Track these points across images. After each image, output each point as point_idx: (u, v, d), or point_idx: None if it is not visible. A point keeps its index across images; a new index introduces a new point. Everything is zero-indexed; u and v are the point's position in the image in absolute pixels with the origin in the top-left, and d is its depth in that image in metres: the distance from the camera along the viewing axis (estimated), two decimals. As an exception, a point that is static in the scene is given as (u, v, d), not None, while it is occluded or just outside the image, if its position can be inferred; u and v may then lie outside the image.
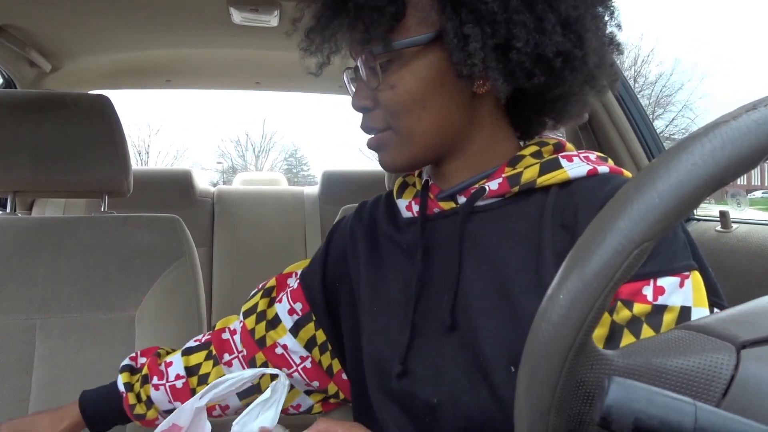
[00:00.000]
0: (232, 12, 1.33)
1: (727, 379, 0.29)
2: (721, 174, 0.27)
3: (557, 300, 0.29)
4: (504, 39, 0.57)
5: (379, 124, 0.65)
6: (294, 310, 0.79)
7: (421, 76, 0.61)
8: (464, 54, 0.57)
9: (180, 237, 1.10)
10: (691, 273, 0.53)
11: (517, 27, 0.56)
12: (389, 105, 0.62)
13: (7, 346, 0.99)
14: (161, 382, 0.81)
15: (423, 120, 0.62)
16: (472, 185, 0.65)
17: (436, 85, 0.61)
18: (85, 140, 1.07)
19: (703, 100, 16.15)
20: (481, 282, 0.62)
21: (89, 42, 1.56)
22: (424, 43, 0.60)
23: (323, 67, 0.69)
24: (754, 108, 0.28)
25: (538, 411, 0.31)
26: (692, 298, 0.52)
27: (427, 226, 0.68)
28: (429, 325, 0.64)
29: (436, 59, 0.60)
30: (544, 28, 0.57)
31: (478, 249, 0.63)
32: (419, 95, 0.61)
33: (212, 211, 2.11)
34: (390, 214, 0.75)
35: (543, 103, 0.65)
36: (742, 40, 28.94)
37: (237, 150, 22.31)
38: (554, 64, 0.58)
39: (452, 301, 0.62)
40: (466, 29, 0.57)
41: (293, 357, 0.79)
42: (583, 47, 0.60)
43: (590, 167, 0.60)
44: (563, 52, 0.58)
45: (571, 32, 0.59)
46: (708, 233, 1.18)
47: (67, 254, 1.06)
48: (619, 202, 0.29)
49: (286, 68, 1.89)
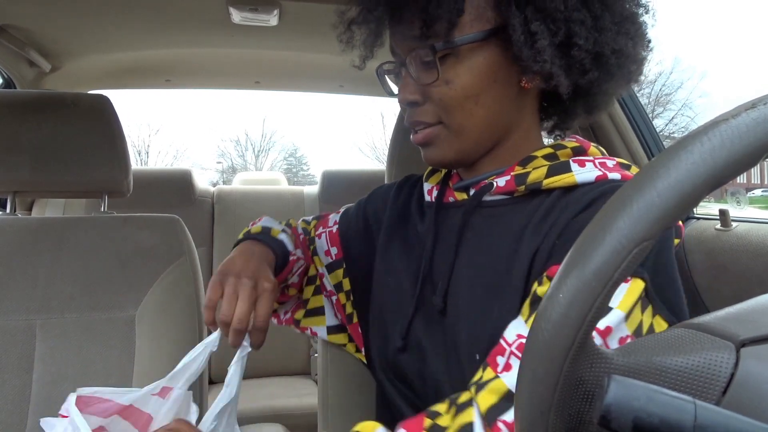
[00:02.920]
0: (232, 11, 1.33)
1: (726, 377, 0.29)
2: (720, 172, 0.27)
3: (557, 299, 0.29)
4: (565, 36, 0.59)
5: (429, 119, 0.65)
6: (329, 252, 0.85)
7: (476, 71, 0.62)
8: (533, 51, 0.59)
9: (180, 237, 1.10)
10: (632, 280, 0.51)
11: (577, 25, 0.58)
12: (443, 100, 0.63)
13: (8, 346, 0.99)
14: None
15: (474, 115, 0.63)
16: (486, 179, 0.67)
17: (490, 81, 0.62)
18: (84, 140, 1.07)
19: (702, 98, 16.16)
20: (473, 273, 0.64)
21: (89, 42, 1.56)
22: (482, 40, 0.61)
23: (367, 60, 0.70)
24: (753, 107, 0.28)
25: (538, 410, 0.31)
26: (619, 300, 0.50)
27: (440, 213, 0.72)
28: (428, 306, 0.69)
29: (490, 55, 0.62)
30: (602, 26, 0.59)
31: (477, 242, 0.66)
32: (473, 90, 0.62)
33: (212, 210, 2.11)
34: (419, 195, 0.79)
35: (584, 96, 0.66)
36: (742, 39, 28.93)
37: (237, 150, 22.32)
38: (609, 60, 0.61)
39: (446, 287, 0.66)
40: (533, 27, 0.58)
41: (326, 286, 0.86)
42: (634, 44, 0.62)
43: (600, 173, 0.60)
44: (617, 49, 0.60)
45: (623, 29, 0.61)
46: (708, 232, 1.18)
47: (67, 254, 1.06)
48: (618, 201, 0.29)
49: (285, 68, 1.89)
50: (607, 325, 0.49)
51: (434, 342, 0.66)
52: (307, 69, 1.89)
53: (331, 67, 1.84)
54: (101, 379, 0.99)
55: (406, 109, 0.67)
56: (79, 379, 0.98)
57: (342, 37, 0.69)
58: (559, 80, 0.60)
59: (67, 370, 0.99)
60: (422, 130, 0.66)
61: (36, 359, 0.99)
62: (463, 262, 0.66)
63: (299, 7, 1.33)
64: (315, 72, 1.92)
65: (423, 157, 0.69)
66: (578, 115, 0.70)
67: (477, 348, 0.60)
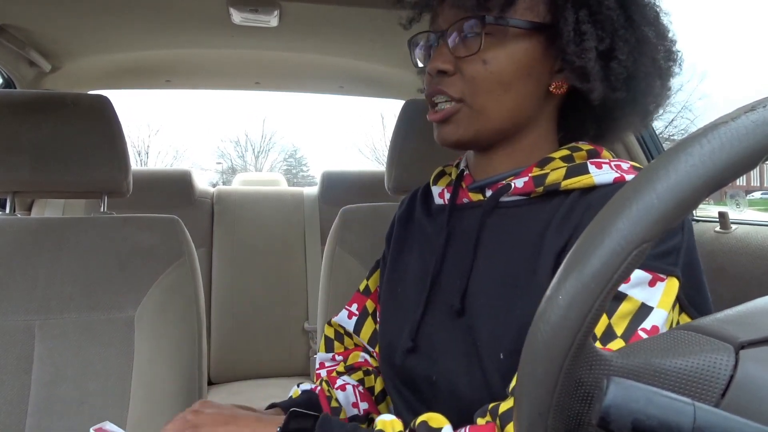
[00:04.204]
0: (232, 12, 1.33)
1: (725, 379, 0.29)
2: (719, 175, 0.27)
3: (556, 301, 0.29)
4: (608, 48, 0.60)
5: (453, 92, 0.64)
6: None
7: (515, 59, 0.62)
8: (580, 49, 0.60)
9: (179, 237, 1.10)
10: (668, 278, 0.53)
11: (621, 41, 0.60)
12: (475, 78, 0.63)
13: (7, 347, 0.98)
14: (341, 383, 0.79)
15: (500, 102, 0.63)
16: (502, 180, 0.67)
17: (524, 73, 0.63)
18: (84, 140, 1.07)
19: (702, 100, 16.17)
20: (492, 274, 0.64)
21: (89, 42, 1.56)
22: (532, 29, 0.62)
23: (413, 22, 0.72)
24: (753, 109, 0.28)
25: (537, 411, 0.31)
26: (658, 299, 0.52)
27: (454, 215, 0.71)
28: (440, 307, 0.68)
29: (532, 48, 0.62)
30: (643, 50, 0.61)
31: (495, 242, 0.66)
32: (507, 77, 0.62)
33: (212, 211, 2.11)
34: (425, 200, 0.79)
35: (601, 117, 0.68)
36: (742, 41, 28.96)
37: (236, 150, 22.30)
38: (639, 85, 0.62)
39: (464, 288, 0.65)
40: (584, 27, 0.59)
41: None
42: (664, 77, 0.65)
43: (617, 175, 0.60)
44: (648, 75, 0.62)
45: (658, 63, 0.63)
46: (707, 234, 1.18)
47: (66, 255, 1.05)
48: (617, 203, 0.29)
49: (286, 68, 1.89)
50: (653, 325, 0.50)
51: (448, 343, 0.65)
52: (307, 70, 1.89)
53: (331, 67, 1.84)
54: (100, 379, 0.99)
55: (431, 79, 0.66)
56: (78, 379, 0.98)
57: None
58: (595, 84, 0.61)
59: (66, 370, 0.99)
60: (443, 104, 0.65)
61: (35, 360, 0.99)
62: (480, 262, 0.66)
63: (299, 8, 1.33)
64: (315, 73, 1.93)
65: (436, 136, 0.68)
66: (587, 135, 0.72)
67: (500, 347, 0.59)
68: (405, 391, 0.70)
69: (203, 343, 1.07)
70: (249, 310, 2.01)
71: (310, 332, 2.05)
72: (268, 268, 2.05)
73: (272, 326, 2.03)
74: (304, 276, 2.08)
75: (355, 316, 0.84)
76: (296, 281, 2.07)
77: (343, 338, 0.86)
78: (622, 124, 0.69)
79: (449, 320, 0.66)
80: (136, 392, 0.99)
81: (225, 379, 2.01)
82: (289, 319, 2.05)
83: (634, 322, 0.51)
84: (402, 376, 0.70)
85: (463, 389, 0.62)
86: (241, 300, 2.01)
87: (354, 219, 1.26)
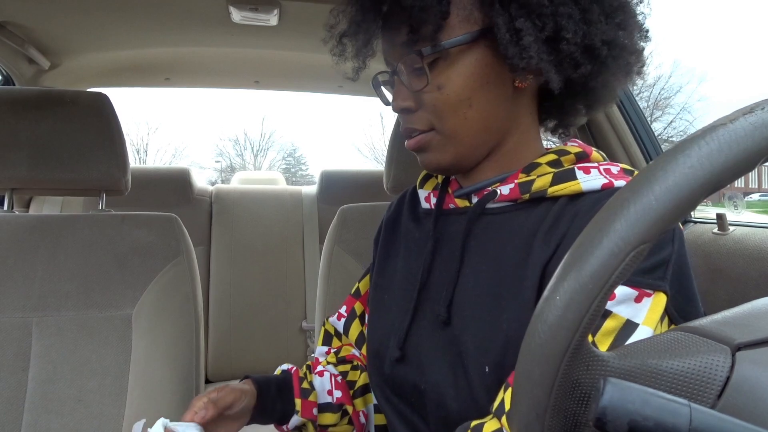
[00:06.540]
0: (232, 11, 1.33)
1: (722, 380, 0.29)
2: (718, 177, 0.27)
3: (554, 301, 0.29)
4: (553, 31, 0.58)
5: (422, 126, 0.64)
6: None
7: (467, 74, 0.61)
8: (519, 48, 0.58)
9: (178, 236, 1.10)
10: (655, 293, 0.51)
11: (564, 19, 0.57)
12: (436, 106, 0.62)
13: (4, 344, 0.98)
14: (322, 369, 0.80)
15: (469, 119, 0.62)
16: (488, 186, 0.65)
17: (482, 83, 0.61)
18: (83, 138, 1.06)
19: (701, 102, 16.20)
20: (478, 282, 0.63)
21: (88, 39, 1.55)
22: (471, 41, 0.60)
23: (360, 71, 0.69)
24: (752, 111, 0.28)
25: (534, 411, 0.31)
26: (644, 316, 0.50)
27: (440, 221, 0.70)
28: (427, 316, 0.66)
29: (480, 56, 0.61)
30: (590, 18, 0.58)
31: (482, 250, 0.64)
32: (466, 94, 0.61)
33: (210, 210, 2.11)
34: (412, 204, 0.78)
35: (582, 91, 0.65)
36: (741, 42, 28.98)
37: (235, 149, 22.31)
38: (600, 53, 0.59)
39: (449, 297, 0.64)
40: (518, 23, 0.57)
41: None
42: (626, 34, 0.61)
43: (606, 181, 0.59)
44: (609, 41, 0.59)
45: (614, 20, 0.60)
46: (705, 236, 1.18)
47: (64, 252, 1.05)
48: (616, 204, 0.29)
49: (285, 67, 1.89)
50: None
51: (435, 353, 0.64)
52: (307, 69, 1.89)
53: (331, 67, 1.83)
54: (97, 377, 0.99)
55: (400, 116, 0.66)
56: (75, 377, 0.98)
57: (335, 50, 0.68)
58: (549, 75, 0.59)
59: (63, 368, 0.99)
60: (416, 134, 0.65)
61: (32, 357, 0.99)
62: (466, 270, 0.64)
63: (299, 7, 1.33)
64: (314, 72, 1.92)
65: (420, 162, 0.68)
66: (579, 112, 0.69)
67: (486, 359, 0.58)
68: (395, 399, 0.69)
69: (201, 342, 1.07)
70: (247, 308, 2.01)
71: (308, 331, 2.05)
72: (267, 266, 2.05)
73: (270, 325, 2.03)
74: (302, 275, 2.08)
75: (344, 318, 0.84)
76: (294, 280, 2.07)
77: (340, 336, 0.87)
78: (605, 89, 0.66)
79: (436, 329, 0.65)
80: (133, 390, 0.99)
81: (222, 378, 2.01)
82: (286, 318, 2.05)
83: (618, 340, 0.49)
84: (391, 385, 0.69)
85: (450, 401, 0.61)
86: (239, 298, 2.01)
87: (352, 218, 1.26)
